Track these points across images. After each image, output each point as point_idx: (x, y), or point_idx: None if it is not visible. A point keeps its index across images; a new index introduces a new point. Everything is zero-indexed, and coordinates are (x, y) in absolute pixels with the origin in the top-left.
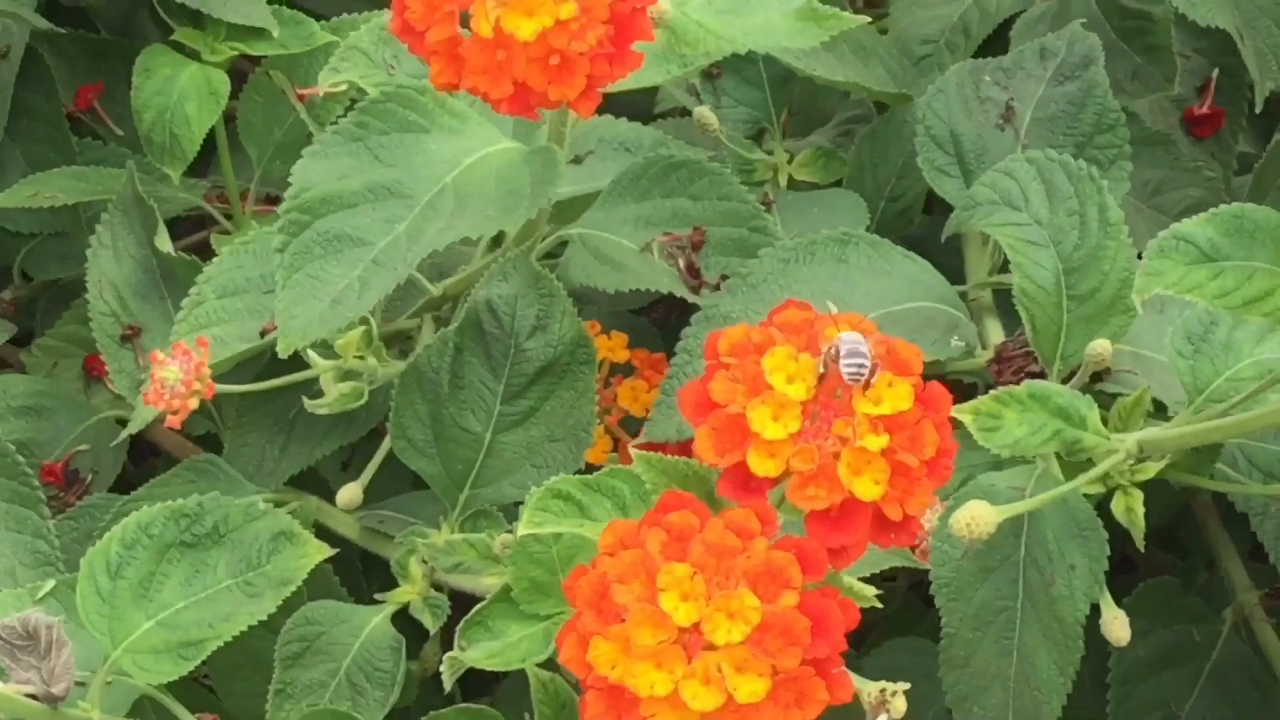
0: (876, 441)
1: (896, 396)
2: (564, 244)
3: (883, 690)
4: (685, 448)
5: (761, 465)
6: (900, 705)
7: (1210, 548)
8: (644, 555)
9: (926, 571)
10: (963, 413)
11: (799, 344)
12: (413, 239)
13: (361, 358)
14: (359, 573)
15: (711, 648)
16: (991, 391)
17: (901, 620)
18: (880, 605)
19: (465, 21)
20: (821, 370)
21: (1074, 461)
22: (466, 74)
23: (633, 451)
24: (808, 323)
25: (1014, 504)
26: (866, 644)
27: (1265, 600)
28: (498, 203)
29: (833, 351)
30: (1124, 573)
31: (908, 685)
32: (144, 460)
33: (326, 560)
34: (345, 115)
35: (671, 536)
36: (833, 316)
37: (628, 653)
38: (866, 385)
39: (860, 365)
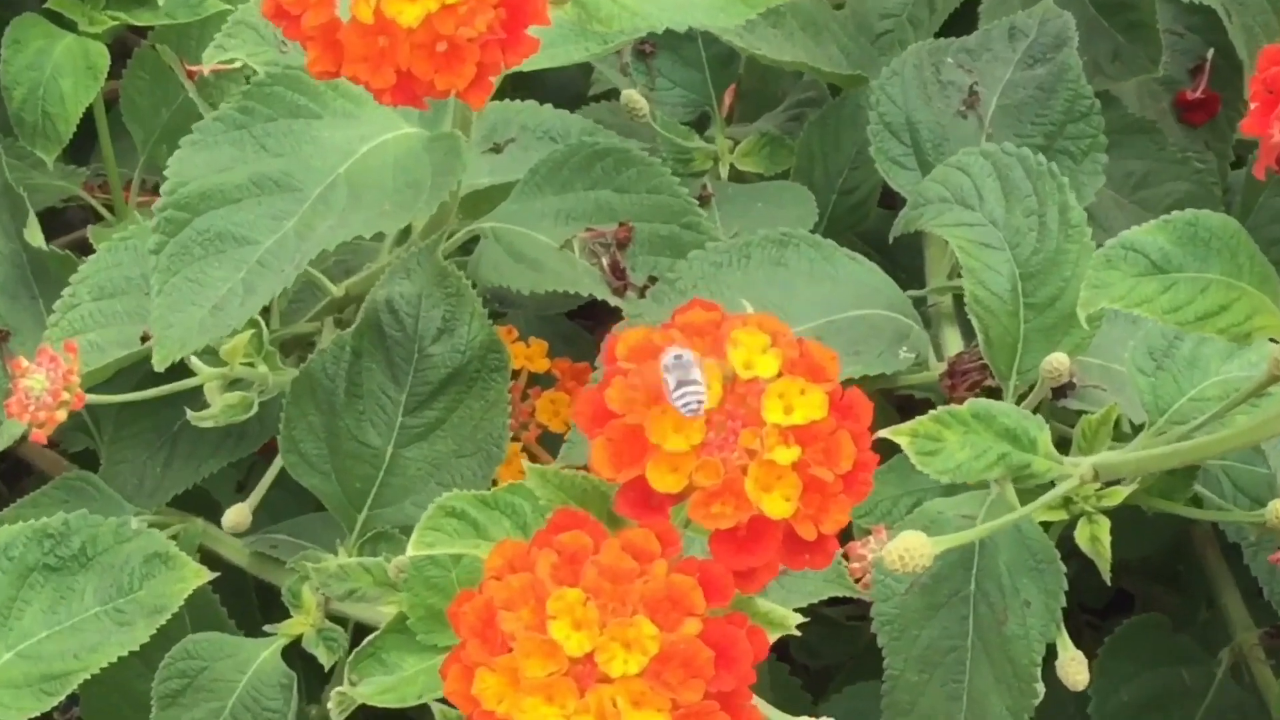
0: (787, 454)
1: (809, 405)
2: (477, 240)
3: None
4: None
5: (662, 480)
6: None
7: (1210, 582)
8: (533, 579)
9: None
10: (900, 434)
11: (703, 347)
12: (302, 237)
13: (250, 364)
14: (252, 605)
15: (606, 680)
16: (931, 411)
17: (868, 664)
18: (798, 633)
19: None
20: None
21: (1028, 488)
22: (346, 62)
23: (527, 466)
24: (714, 324)
25: (955, 534)
26: (829, 689)
27: (1265, 639)
28: (395, 196)
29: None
30: (1122, 610)
31: (832, 719)
32: (16, 480)
33: (214, 589)
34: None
35: (563, 559)
36: (742, 317)
37: (515, 686)
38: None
39: (691, 393)
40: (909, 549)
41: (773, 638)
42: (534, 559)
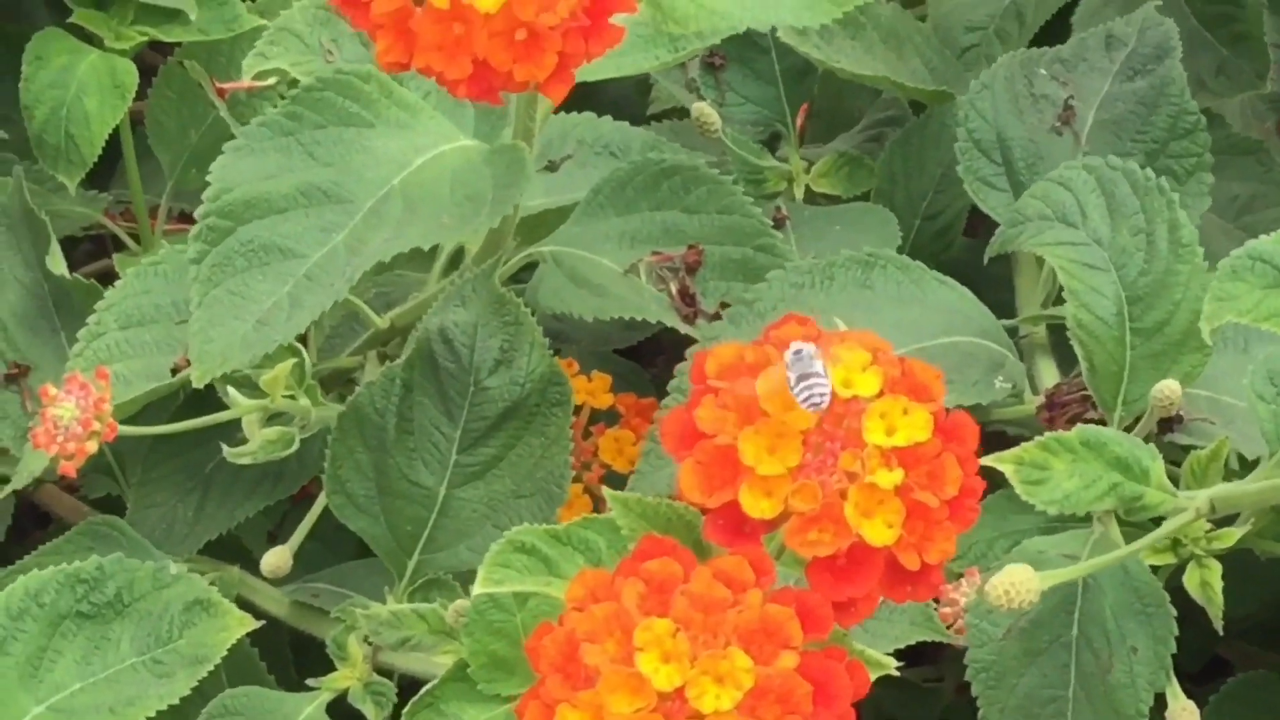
0: (889, 477)
1: (913, 426)
2: (533, 266)
3: None
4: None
5: (756, 505)
6: None
7: None
8: (619, 609)
9: None
10: (1004, 462)
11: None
12: (353, 250)
13: (292, 397)
14: (287, 658)
15: (697, 716)
16: (1038, 438)
17: None
18: (897, 673)
19: None
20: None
21: (1136, 524)
22: (418, 51)
23: (608, 494)
24: (810, 340)
25: (1063, 570)
26: None
27: None
28: (454, 209)
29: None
30: (1219, 677)
31: None
32: (28, 533)
33: (250, 641)
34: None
35: (651, 588)
36: (840, 334)
37: None
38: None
39: (814, 386)
40: (1015, 583)
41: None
42: (619, 588)
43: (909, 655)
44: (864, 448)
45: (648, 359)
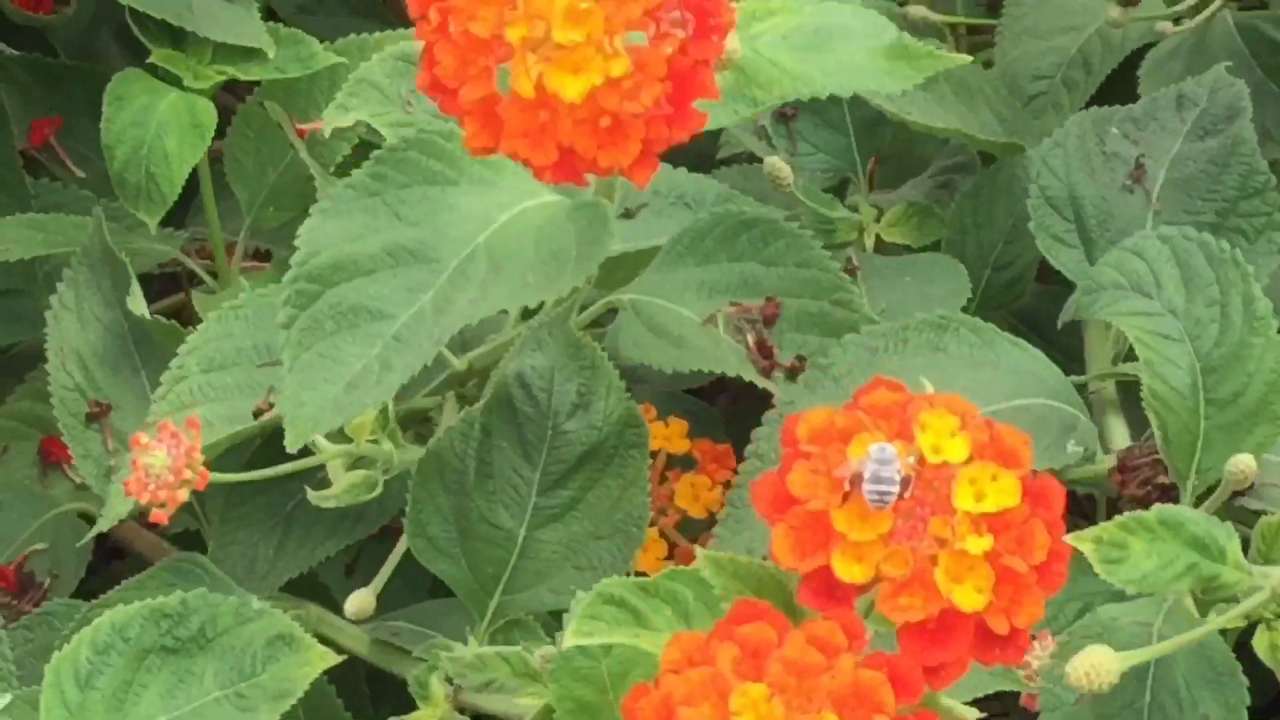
0: (979, 543)
1: (1001, 491)
2: (612, 313)
3: None
4: None
5: (848, 570)
6: None
7: None
8: (715, 674)
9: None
10: (1083, 541)
11: (889, 430)
12: (440, 311)
13: (375, 441)
14: (364, 696)
15: None
16: (1117, 517)
17: None
18: None
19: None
20: (846, 489)
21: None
22: (505, 138)
23: (700, 552)
24: (900, 405)
25: (1140, 650)
26: None
27: None
28: (538, 267)
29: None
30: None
31: None
32: (106, 565)
33: (328, 679)
34: (354, 155)
35: (745, 652)
36: (929, 398)
37: None
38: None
39: (884, 493)
40: (1095, 665)
41: None
42: (714, 652)
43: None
44: (954, 514)
45: (711, 396)
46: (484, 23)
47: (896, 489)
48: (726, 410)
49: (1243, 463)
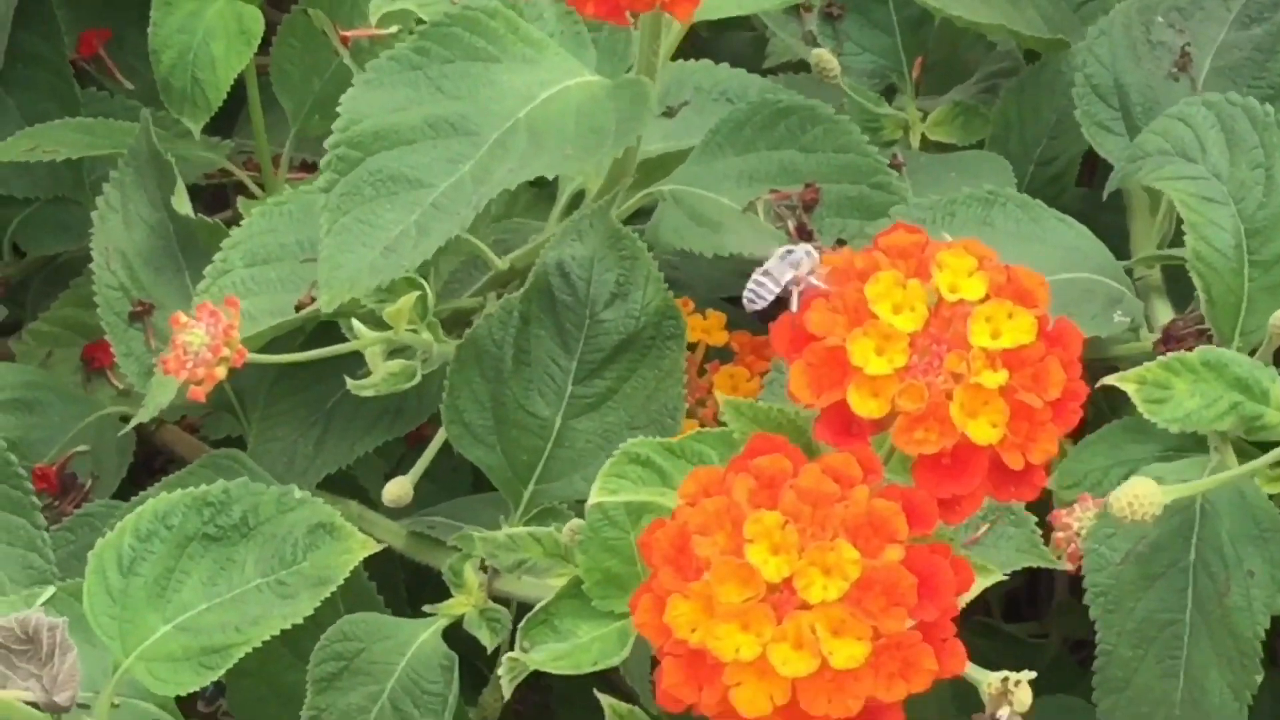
0: (994, 378)
1: (1017, 329)
2: (650, 210)
3: (1005, 679)
4: None
5: (863, 404)
6: (1025, 697)
7: None
8: (729, 503)
9: (1083, 629)
10: (1127, 381)
11: (907, 269)
12: (479, 180)
13: (415, 331)
14: (401, 589)
15: (805, 607)
16: (1159, 358)
17: (1052, 678)
18: (1004, 577)
19: None
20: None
21: (1252, 446)
22: None
23: (720, 397)
24: (918, 245)
25: (1183, 484)
26: None
27: None
28: (577, 140)
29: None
30: None
31: (1033, 674)
32: (148, 473)
33: (366, 571)
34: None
35: (761, 483)
36: (946, 243)
37: (710, 613)
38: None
39: (755, 294)
40: (1138, 495)
41: (980, 585)
42: (730, 484)
43: (1013, 612)
44: (969, 350)
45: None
46: None
47: (772, 292)
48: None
49: None
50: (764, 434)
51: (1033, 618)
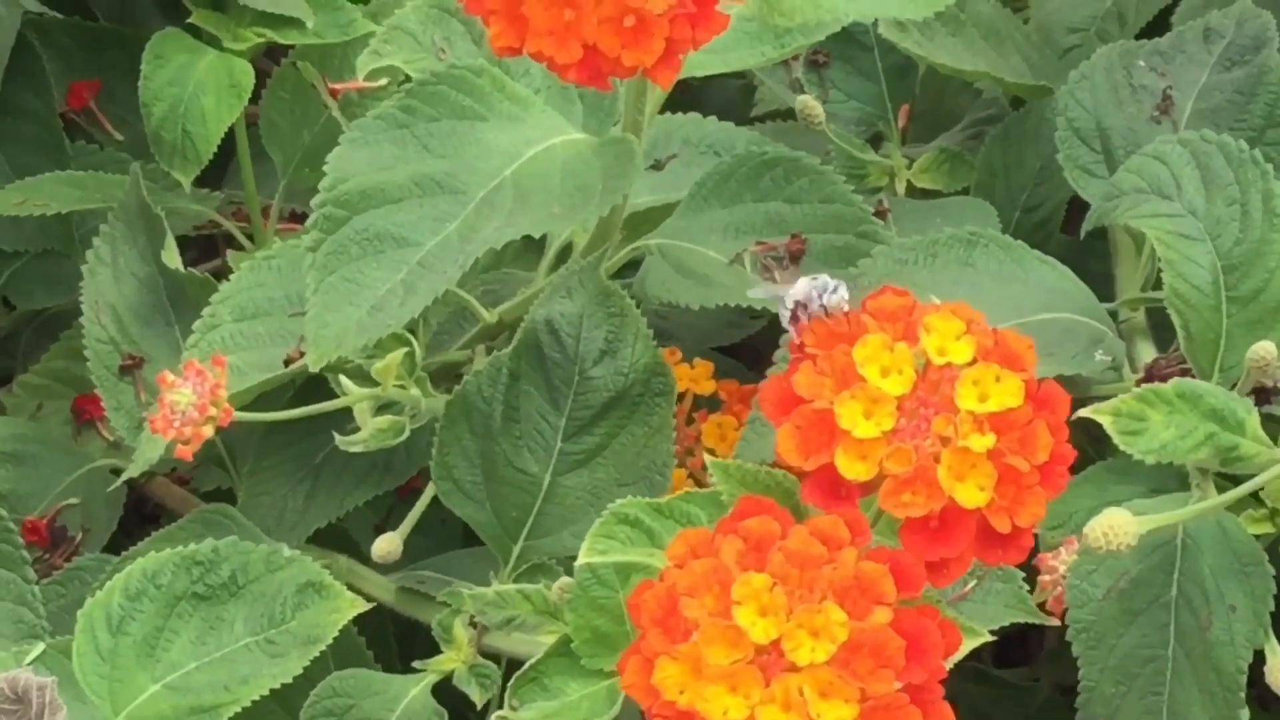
0: (982, 442)
1: (1005, 393)
2: (639, 262)
3: None
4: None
5: (851, 467)
6: None
7: None
8: (717, 565)
9: (1074, 673)
10: (1101, 413)
11: (895, 333)
12: (465, 239)
13: (403, 386)
14: (391, 644)
15: (793, 669)
16: (1134, 390)
17: None
18: (991, 637)
19: None
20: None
21: (1233, 476)
22: (530, 36)
23: (708, 460)
24: (906, 309)
25: (1158, 515)
26: None
27: None
28: (564, 199)
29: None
30: None
31: None
32: (139, 525)
33: (356, 627)
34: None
35: (749, 545)
36: (935, 305)
37: (698, 674)
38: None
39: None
40: (1113, 525)
41: (967, 647)
42: (718, 545)
43: (1004, 657)
44: (957, 413)
45: (736, 354)
46: None
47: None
48: (753, 369)
49: (1264, 349)
50: (752, 496)
51: (1024, 662)
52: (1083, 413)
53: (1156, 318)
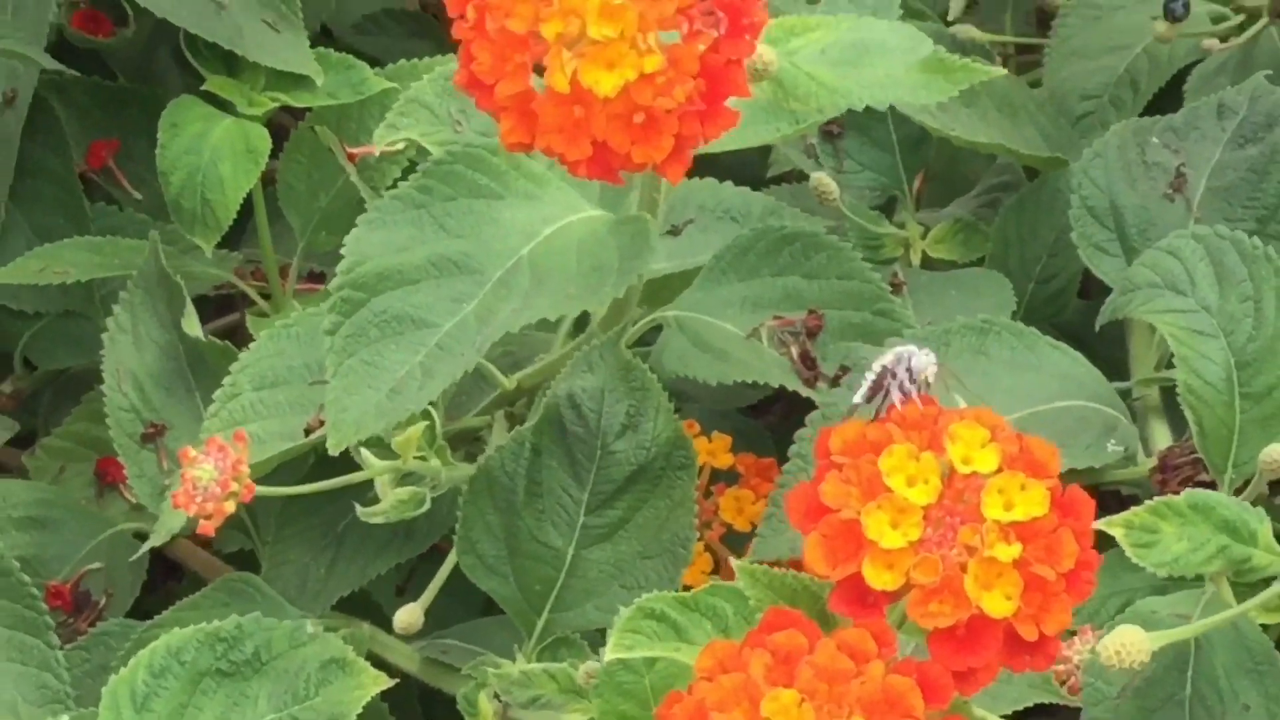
0: (1008, 551)
1: (1030, 501)
2: (657, 330)
3: None
4: (799, 567)
5: (879, 578)
6: None
7: None
8: (746, 680)
9: None
10: (1114, 525)
11: (920, 442)
12: (482, 320)
13: (424, 458)
14: (416, 714)
15: None
16: (1147, 503)
17: None
18: None
19: (540, 73)
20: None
21: (1246, 584)
22: (540, 133)
23: (735, 564)
24: (930, 417)
25: (1171, 630)
26: None
27: None
28: (580, 280)
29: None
30: None
31: None
32: (161, 584)
33: (381, 696)
34: (404, 178)
35: (777, 659)
36: (960, 411)
37: None
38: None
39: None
40: (1126, 644)
41: None
42: (746, 659)
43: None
44: (983, 522)
45: (763, 407)
46: (520, 19)
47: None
48: (776, 426)
49: (1275, 451)
50: (779, 609)
51: None
52: (1097, 525)
53: (1171, 395)
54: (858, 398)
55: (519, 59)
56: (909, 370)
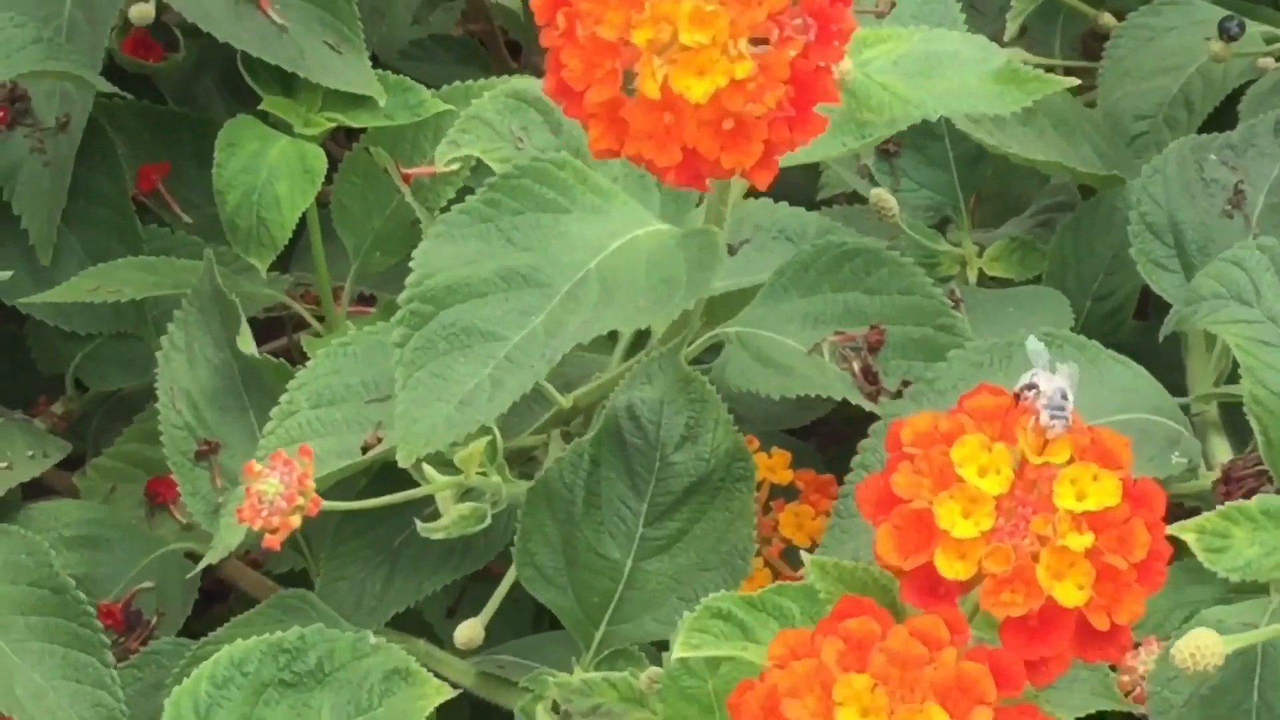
0: (1080, 541)
1: (1102, 491)
2: (716, 348)
3: None
4: None
5: (950, 567)
6: None
7: None
8: (819, 666)
9: None
10: (1185, 531)
11: (992, 432)
12: (551, 333)
13: (485, 474)
14: None
15: None
16: (1219, 507)
17: None
18: None
19: (630, 80)
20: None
21: None
22: (630, 139)
23: (806, 558)
24: (1002, 409)
25: (1245, 634)
26: None
27: None
28: (649, 292)
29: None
30: None
31: None
32: (210, 606)
33: (435, 713)
34: (459, 199)
35: (849, 645)
36: (1031, 405)
37: None
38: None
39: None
40: (1200, 646)
41: None
42: (819, 646)
43: None
44: (1055, 512)
45: (801, 434)
46: (610, 26)
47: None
48: (824, 451)
49: None
50: (851, 596)
51: None
52: (1168, 530)
53: (1231, 410)
54: None
55: (609, 65)
56: (1061, 391)
